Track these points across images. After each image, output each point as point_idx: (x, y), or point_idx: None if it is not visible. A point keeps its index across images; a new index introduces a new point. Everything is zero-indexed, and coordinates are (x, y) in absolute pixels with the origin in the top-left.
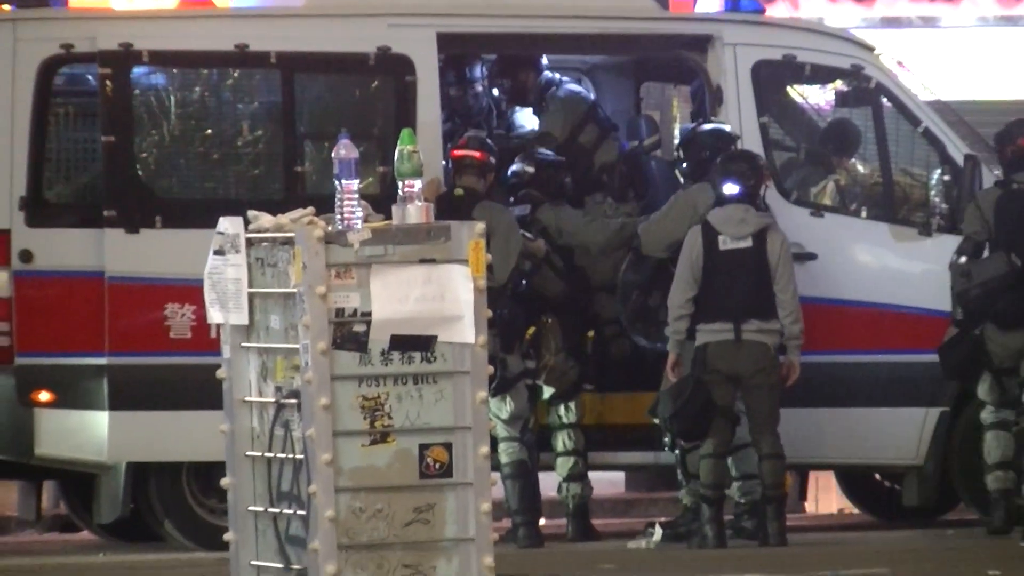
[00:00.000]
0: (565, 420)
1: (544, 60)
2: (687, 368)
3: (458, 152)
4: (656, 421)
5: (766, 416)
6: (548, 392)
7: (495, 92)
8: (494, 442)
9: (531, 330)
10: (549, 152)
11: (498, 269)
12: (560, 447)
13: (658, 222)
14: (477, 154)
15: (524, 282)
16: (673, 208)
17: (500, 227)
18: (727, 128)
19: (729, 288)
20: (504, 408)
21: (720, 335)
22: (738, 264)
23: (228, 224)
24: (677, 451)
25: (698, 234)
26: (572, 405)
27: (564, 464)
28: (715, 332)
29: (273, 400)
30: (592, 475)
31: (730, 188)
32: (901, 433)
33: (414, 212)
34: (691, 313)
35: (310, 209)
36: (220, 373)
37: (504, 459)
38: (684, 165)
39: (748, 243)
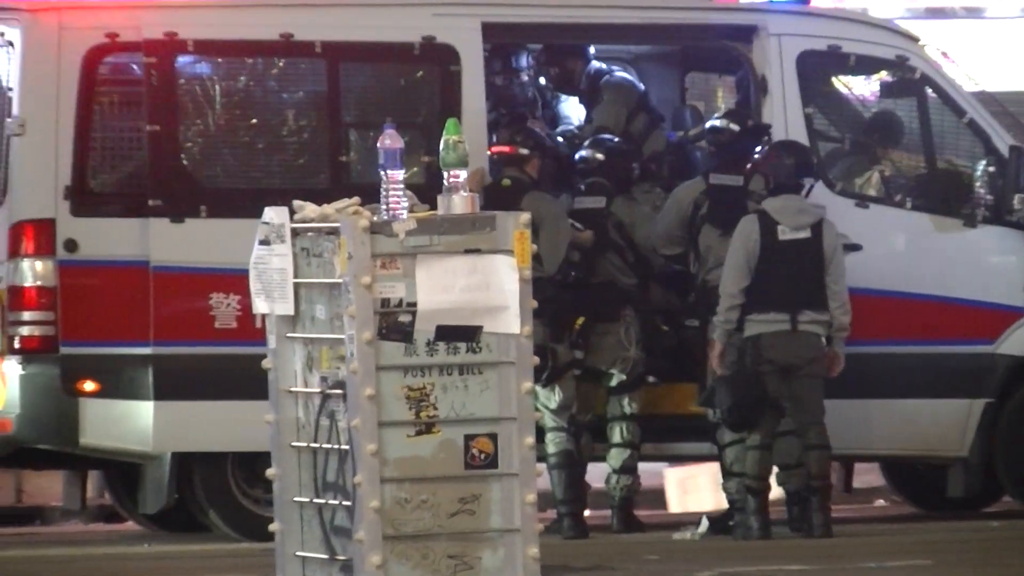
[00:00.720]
0: (627, 411)
1: (591, 49)
2: (730, 359)
3: (492, 149)
4: (709, 412)
5: (815, 406)
6: (616, 382)
7: (542, 81)
8: (541, 432)
9: (580, 320)
10: (616, 138)
11: (547, 259)
12: (616, 438)
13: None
14: (507, 148)
15: (572, 273)
16: (666, 208)
17: (548, 217)
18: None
19: (785, 278)
20: (552, 398)
21: (774, 325)
22: (795, 254)
23: (273, 214)
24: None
25: (755, 223)
26: (635, 397)
27: (619, 456)
28: (769, 322)
29: (318, 390)
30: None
31: (806, 179)
32: (946, 424)
33: (459, 202)
34: (743, 303)
35: (355, 199)
36: (265, 363)
37: (551, 449)
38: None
39: (807, 233)
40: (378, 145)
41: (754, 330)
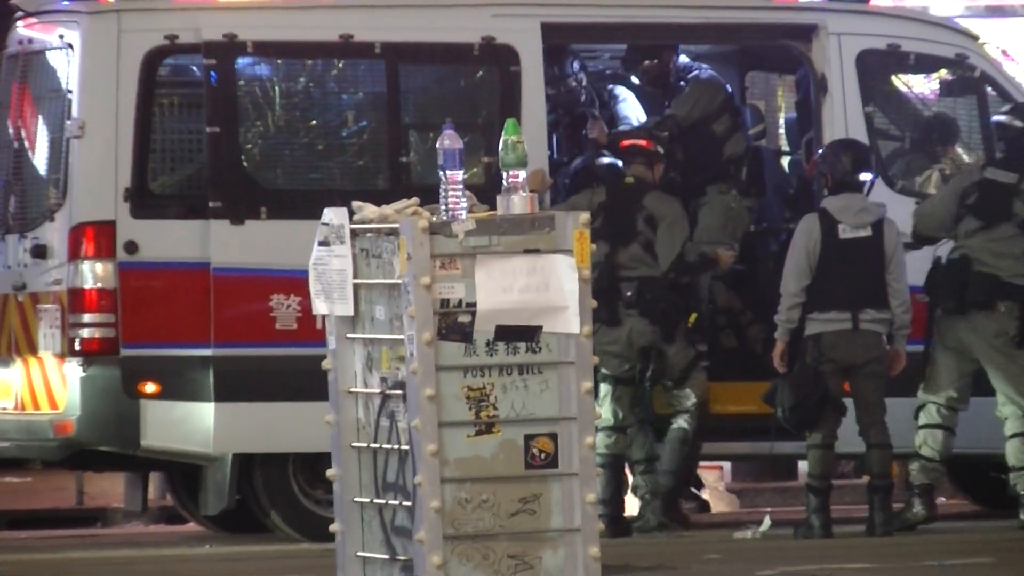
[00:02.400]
0: (685, 406)
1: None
2: (790, 358)
3: (626, 141)
4: (775, 409)
5: (876, 405)
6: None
7: (634, 79)
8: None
9: (693, 316)
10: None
11: (661, 257)
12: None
13: (932, 204)
14: (643, 142)
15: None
16: (944, 190)
17: (667, 216)
18: None
19: (846, 277)
20: (688, 397)
21: (836, 324)
22: (857, 253)
23: (333, 215)
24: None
25: (815, 222)
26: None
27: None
28: (830, 321)
29: (378, 391)
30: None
31: (865, 176)
32: None
33: (519, 202)
34: (804, 302)
35: (415, 199)
36: (325, 364)
37: (601, 449)
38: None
39: (868, 232)
40: (437, 146)
41: (815, 329)
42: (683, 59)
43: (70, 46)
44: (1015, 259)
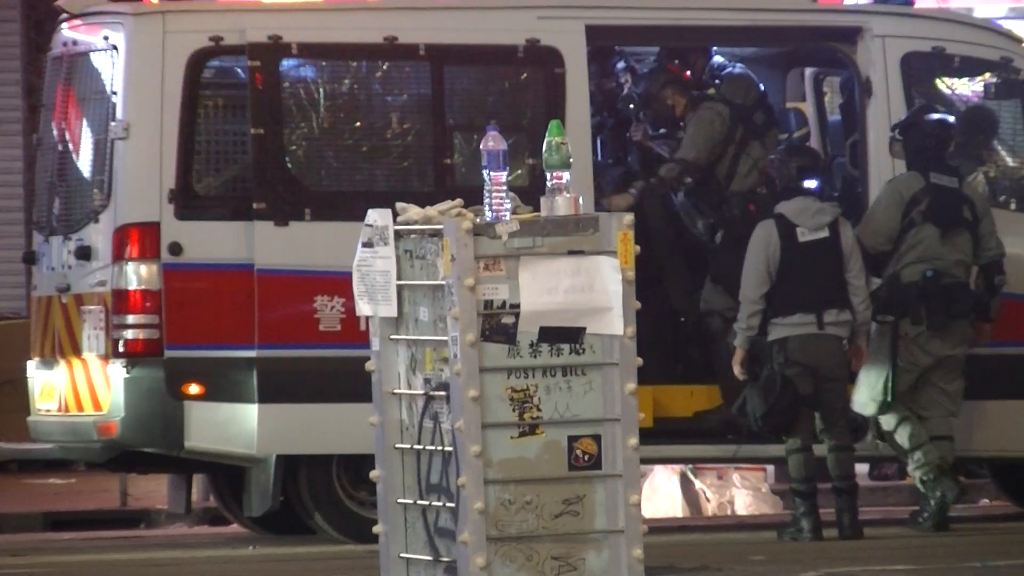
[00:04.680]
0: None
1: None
2: (752, 363)
3: None
4: (746, 419)
5: (838, 409)
6: None
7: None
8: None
9: None
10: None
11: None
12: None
13: (872, 216)
14: None
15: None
16: (883, 198)
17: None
18: (952, 120)
19: (808, 279)
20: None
21: (801, 328)
22: (816, 255)
23: (377, 216)
24: (886, 433)
25: (772, 228)
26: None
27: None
28: (795, 325)
29: (422, 392)
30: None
31: (810, 181)
32: None
33: (562, 204)
34: (764, 308)
35: (458, 201)
36: (369, 365)
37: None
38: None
39: (825, 233)
40: (481, 147)
41: (780, 333)
42: (717, 59)
43: (115, 48)
44: (968, 266)
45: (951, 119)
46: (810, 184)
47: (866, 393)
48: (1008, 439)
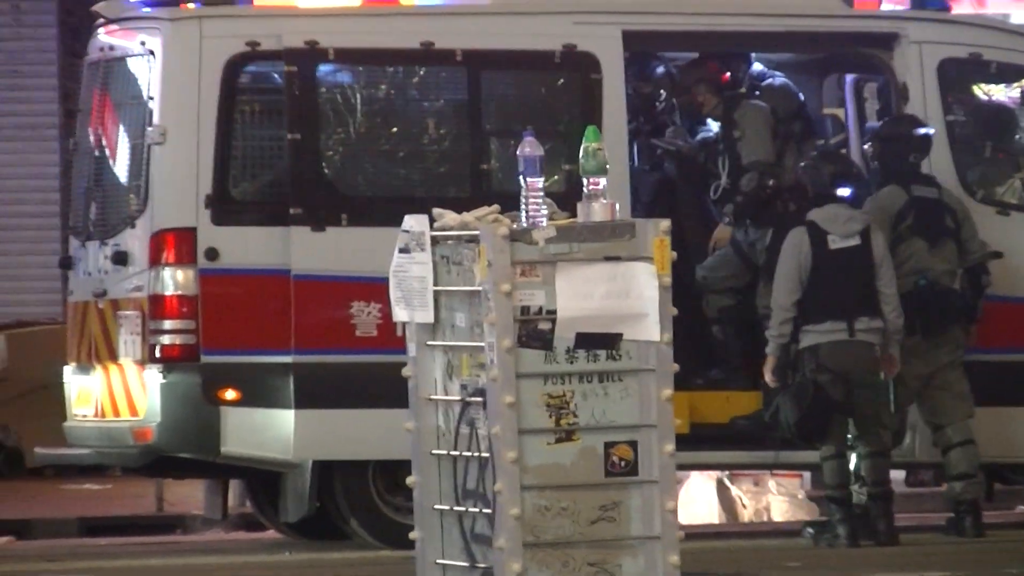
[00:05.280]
0: None
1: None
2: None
3: None
4: (779, 427)
5: (871, 415)
6: None
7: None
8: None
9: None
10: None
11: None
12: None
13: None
14: None
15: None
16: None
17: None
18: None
19: (839, 287)
20: None
21: (833, 335)
22: (847, 262)
23: (413, 222)
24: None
25: (804, 235)
26: None
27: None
28: (827, 332)
29: (458, 398)
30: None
31: (843, 189)
32: None
33: (599, 210)
34: (795, 316)
35: (495, 207)
36: (406, 371)
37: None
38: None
39: (857, 241)
40: (518, 153)
41: (811, 340)
42: (757, 67)
43: (151, 53)
44: (954, 273)
45: (930, 130)
46: (843, 192)
47: None
48: None
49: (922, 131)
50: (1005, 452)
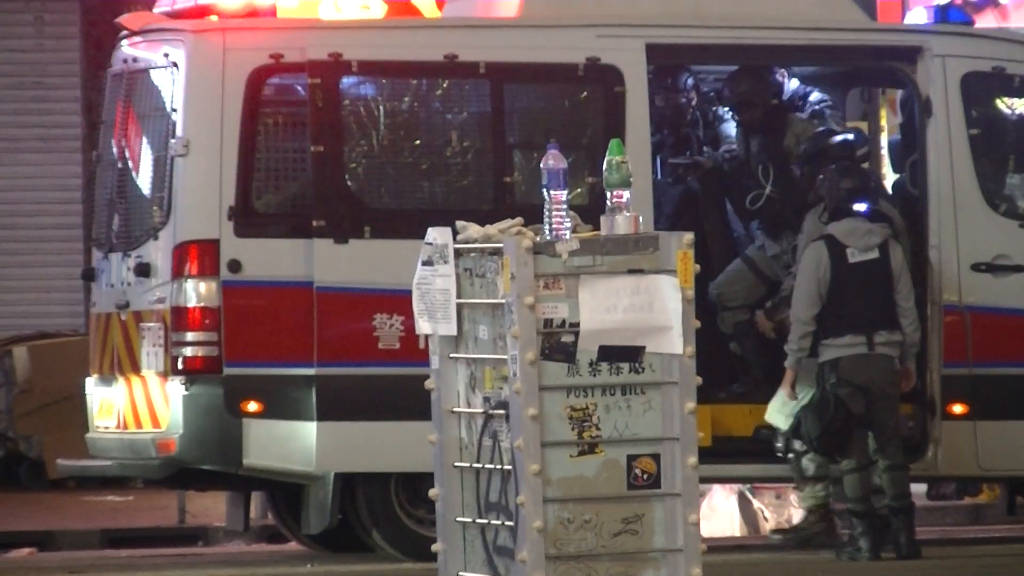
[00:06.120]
0: None
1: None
2: (804, 385)
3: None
4: (802, 441)
5: (891, 428)
6: None
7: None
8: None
9: None
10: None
11: None
12: None
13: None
14: None
15: None
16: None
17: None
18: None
19: (859, 300)
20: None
21: (853, 348)
22: (867, 276)
23: (437, 234)
24: (791, 455)
25: (823, 248)
26: None
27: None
28: (846, 346)
29: (481, 410)
30: None
31: (859, 204)
32: None
33: (622, 222)
34: (815, 330)
35: (518, 219)
36: (429, 383)
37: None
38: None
39: (876, 254)
40: (542, 166)
41: (831, 354)
42: (794, 83)
43: (175, 65)
44: None
45: (859, 146)
46: (860, 206)
47: (787, 406)
48: None
49: (842, 140)
50: (1016, 465)
